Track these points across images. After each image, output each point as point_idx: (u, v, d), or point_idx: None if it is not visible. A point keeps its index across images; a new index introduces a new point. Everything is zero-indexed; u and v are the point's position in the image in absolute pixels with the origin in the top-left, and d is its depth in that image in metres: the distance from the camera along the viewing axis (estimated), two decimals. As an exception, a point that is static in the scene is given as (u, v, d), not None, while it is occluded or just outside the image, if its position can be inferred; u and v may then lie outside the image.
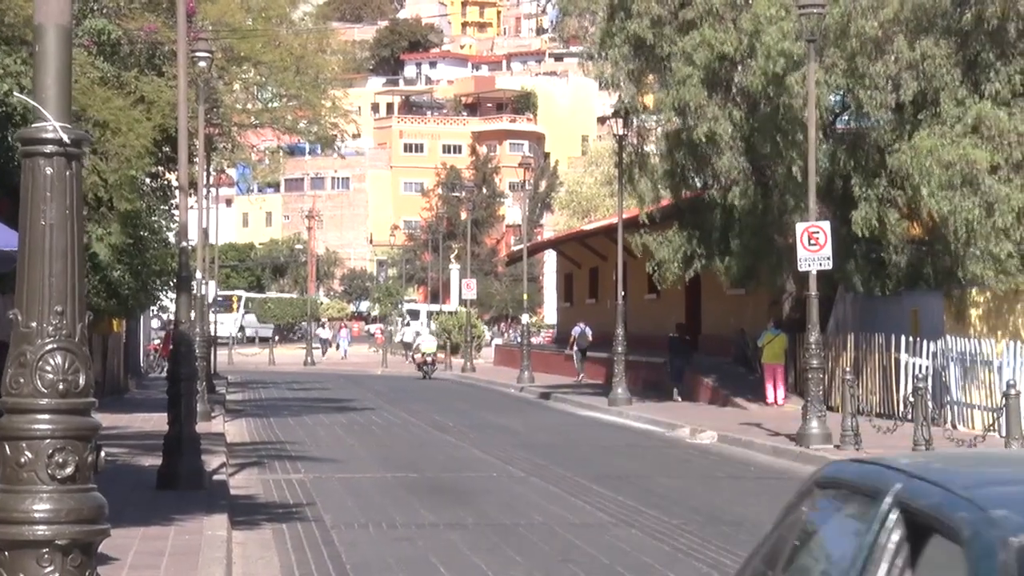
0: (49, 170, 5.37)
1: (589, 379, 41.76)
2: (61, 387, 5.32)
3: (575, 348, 43.52)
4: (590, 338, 43.04)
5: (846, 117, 28.22)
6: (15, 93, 14.51)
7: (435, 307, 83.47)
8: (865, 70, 25.27)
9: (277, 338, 79.92)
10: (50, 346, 5.32)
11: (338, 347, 72.79)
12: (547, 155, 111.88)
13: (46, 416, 5.30)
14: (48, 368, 5.32)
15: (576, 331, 43.83)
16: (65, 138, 5.37)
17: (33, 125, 5.41)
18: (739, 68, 27.47)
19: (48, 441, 5.28)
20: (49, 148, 5.36)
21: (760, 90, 26.63)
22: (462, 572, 10.74)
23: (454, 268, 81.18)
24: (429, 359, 48.56)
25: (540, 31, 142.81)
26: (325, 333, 78.52)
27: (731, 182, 28.51)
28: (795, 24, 24.73)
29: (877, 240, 26.14)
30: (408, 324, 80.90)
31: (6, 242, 9.84)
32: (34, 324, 5.34)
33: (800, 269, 22.03)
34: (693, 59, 27.91)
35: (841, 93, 26.96)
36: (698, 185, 30.58)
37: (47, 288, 5.34)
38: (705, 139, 27.92)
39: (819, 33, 22.83)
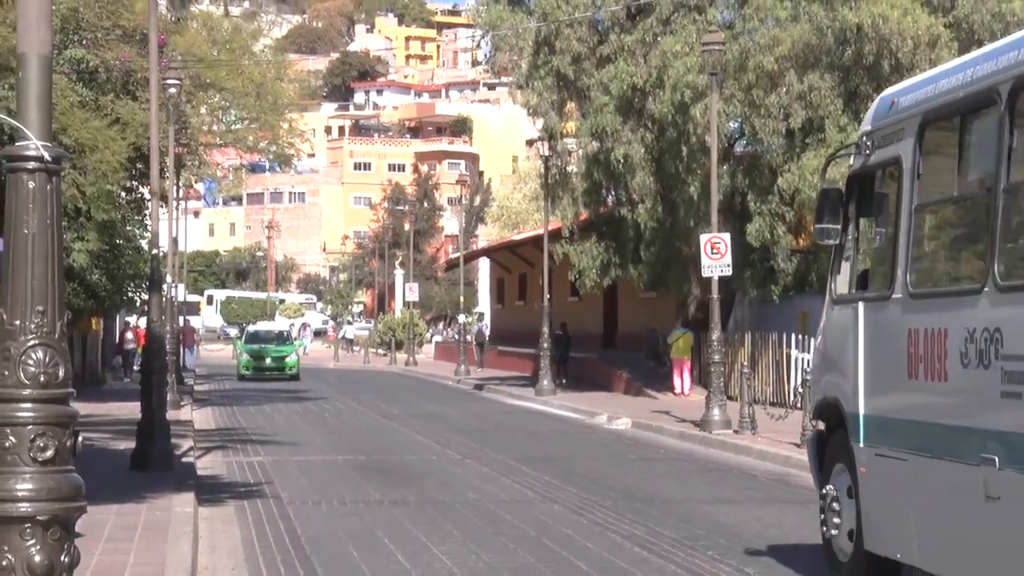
0: (32, 184, 5.31)
1: (490, 368, 45.00)
2: (42, 379, 5.25)
3: (475, 342, 47.73)
4: (487, 334, 49.51)
5: (743, 142, 28.47)
6: (1, 115, 14.31)
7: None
8: (760, 101, 25.50)
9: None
10: (32, 342, 5.26)
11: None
12: (481, 173, 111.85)
13: (28, 405, 5.23)
14: (31, 362, 5.26)
15: (476, 329, 49.71)
16: (46, 155, 5.31)
17: (17, 144, 5.35)
18: (649, 98, 27.62)
19: (30, 427, 5.22)
20: (32, 164, 5.30)
21: (668, 118, 26.80)
22: (404, 544, 10.72)
23: (398, 273, 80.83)
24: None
25: (475, 63, 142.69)
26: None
27: (643, 199, 28.66)
28: (698, 59, 24.94)
29: (769, 250, 26.38)
30: (351, 323, 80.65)
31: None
32: (18, 322, 5.28)
33: (704, 275, 22.19)
34: (609, 90, 28.06)
35: (739, 120, 27.19)
36: (614, 201, 30.71)
37: (30, 290, 5.28)
38: (620, 160, 28.05)
39: (720, 67, 23.02)
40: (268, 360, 40.88)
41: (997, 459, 6.80)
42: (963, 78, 7.67)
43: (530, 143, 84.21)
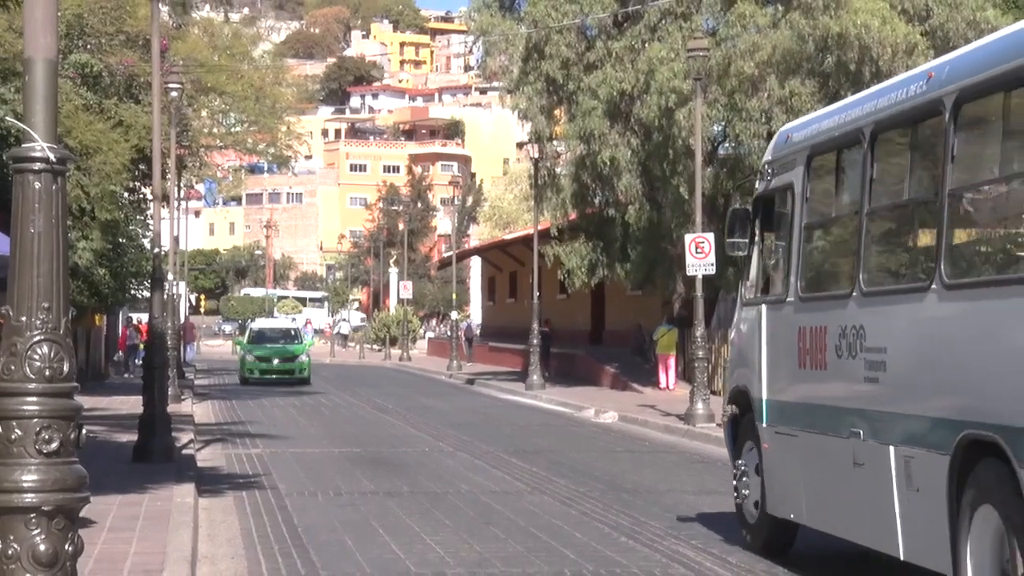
0: (37, 185, 5.30)
1: (476, 363, 46.15)
2: (47, 373, 5.24)
3: (464, 338, 48.64)
4: (475, 331, 51.75)
5: (727, 144, 28.50)
6: (8, 118, 14.29)
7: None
8: (743, 105, 25.53)
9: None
10: (38, 338, 5.25)
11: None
12: (473, 175, 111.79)
13: (34, 398, 5.22)
14: (36, 357, 5.25)
15: (464, 325, 51.26)
16: (51, 157, 5.30)
17: (23, 145, 5.34)
18: (636, 102, 27.64)
19: (35, 420, 5.21)
20: (37, 166, 5.29)
21: (654, 121, 26.81)
22: (398, 533, 10.72)
23: (393, 271, 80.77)
24: None
25: (467, 68, 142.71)
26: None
27: (629, 200, 28.67)
28: (683, 65, 24.96)
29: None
30: (346, 319, 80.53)
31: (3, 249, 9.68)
32: (24, 319, 5.27)
33: (688, 274, 22.21)
34: (597, 94, 28.07)
35: (722, 124, 27.23)
36: (601, 202, 30.72)
37: (35, 287, 5.27)
38: (607, 163, 28.06)
39: (704, 73, 23.05)
40: (276, 362, 35.82)
41: (861, 432, 7.98)
42: (840, 119, 8.86)
43: (520, 146, 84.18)
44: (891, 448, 7.55)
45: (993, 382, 6.51)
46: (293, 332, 38.93)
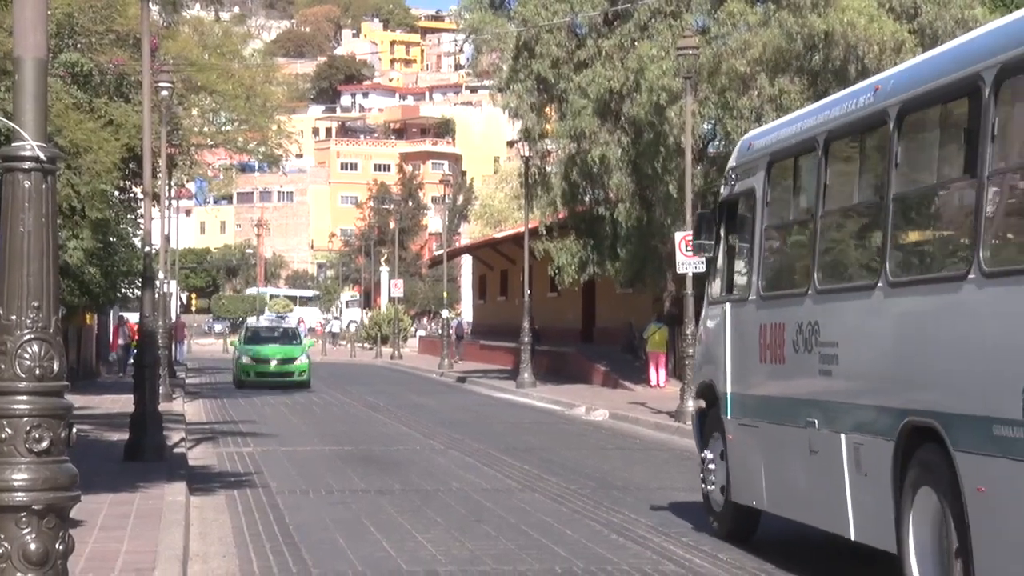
0: (27, 183, 5.28)
1: (467, 361, 46.49)
2: (38, 372, 5.23)
3: (453, 336, 49.23)
4: (466, 329, 52.77)
5: (717, 142, 28.52)
6: (-2, 116, 14.23)
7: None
8: (733, 103, 25.54)
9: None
10: (28, 336, 5.24)
11: None
12: (464, 173, 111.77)
13: (24, 397, 5.20)
14: (26, 356, 5.23)
15: (454, 323, 52.32)
16: (41, 156, 5.28)
17: (13, 144, 5.32)
18: (627, 101, 27.64)
19: (26, 419, 5.19)
20: (27, 164, 5.28)
21: (644, 120, 26.82)
22: (390, 531, 10.71)
23: (384, 270, 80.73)
24: None
25: (458, 67, 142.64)
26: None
27: (620, 198, 28.68)
28: (674, 63, 24.97)
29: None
30: (338, 317, 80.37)
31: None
32: (14, 317, 5.25)
33: (678, 271, 22.23)
34: (587, 93, 28.07)
35: (713, 122, 27.25)
36: (591, 201, 30.73)
37: (25, 286, 5.25)
38: (597, 161, 28.07)
39: (694, 71, 23.06)
40: (273, 364, 33.08)
41: (816, 422, 8.50)
42: (797, 128, 9.39)
43: (511, 144, 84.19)
44: (843, 436, 8.08)
45: (931, 373, 7.04)
46: (291, 332, 36.24)
